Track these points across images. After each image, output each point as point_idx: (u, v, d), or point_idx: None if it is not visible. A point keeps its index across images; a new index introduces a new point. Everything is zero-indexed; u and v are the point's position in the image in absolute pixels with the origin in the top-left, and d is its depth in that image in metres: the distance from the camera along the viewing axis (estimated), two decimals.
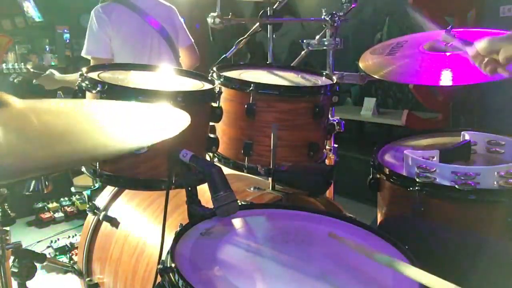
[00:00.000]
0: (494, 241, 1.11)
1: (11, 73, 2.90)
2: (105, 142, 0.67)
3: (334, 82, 1.51)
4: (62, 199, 3.68)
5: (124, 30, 2.42)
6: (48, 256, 1.41)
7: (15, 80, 2.91)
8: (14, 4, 4.37)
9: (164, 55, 2.53)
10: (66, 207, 3.59)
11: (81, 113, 0.85)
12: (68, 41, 4.69)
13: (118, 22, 2.41)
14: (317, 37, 1.87)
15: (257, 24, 2.01)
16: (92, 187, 3.35)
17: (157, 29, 2.50)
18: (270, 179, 1.41)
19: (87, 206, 1.57)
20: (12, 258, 1.19)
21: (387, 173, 1.31)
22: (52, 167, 0.58)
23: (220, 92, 1.32)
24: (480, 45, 1.11)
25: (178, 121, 0.84)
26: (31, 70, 2.88)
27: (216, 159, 1.49)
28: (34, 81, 2.63)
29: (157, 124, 0.87)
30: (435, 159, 1.30)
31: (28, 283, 1.21)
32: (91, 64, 2.41)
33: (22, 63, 2.99)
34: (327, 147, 1.66)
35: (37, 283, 1.26)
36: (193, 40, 2.71)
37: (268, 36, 2.03)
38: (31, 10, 4.44)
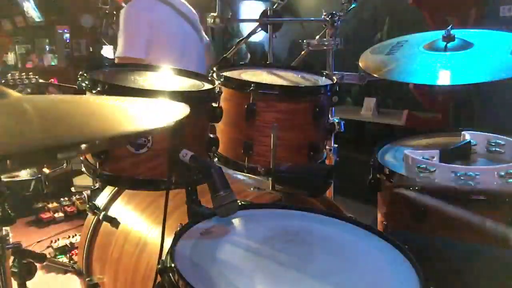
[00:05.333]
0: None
1: (18, 84, 2.75)
2: (105, 127, 0.67)
3: (334, 82, 1.51)
4: (62, 199, 3.68)
5: (166, 31, 2.33)
6: (48, 256, 1.40)
7: (22, 93, 2.84)
8: (14, 4, 4.37)
9: (196, 55, 2.44)
10: (66, 207, 3.58)
11: (79, 103, 0.85)
12: (68, 41, 4.69)
13: (158, 22, 2.31)
14: (317, 37, 1.87)
15: (257, 24, 2.01)
16: (92, 187, 3.35)
17: (193, 30, 2.44)
18: (270, 179, 1.41)
19: (87, 206, 1.57)
20: (12, 258, 1.19)
21: (387, 173, 1.31)
22: (53, 149, 0.56)
23: (220, 92, 1.32)
24: None
25: (177, 112, 0.84)
26: (39, 80, 2.79)
27: (216, 159, 1.49)
28: None
29: (156, 113, 0.86)
30: (435, 159, 1.30)
31: (28, 283, 1.21)
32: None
33: (31, 73, 2.85)
34: (327, 147, 1.66)
35: (37, 283, 1.25)
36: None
37: (268, 36, 2.03)
38: (31, 10, 4.44)
